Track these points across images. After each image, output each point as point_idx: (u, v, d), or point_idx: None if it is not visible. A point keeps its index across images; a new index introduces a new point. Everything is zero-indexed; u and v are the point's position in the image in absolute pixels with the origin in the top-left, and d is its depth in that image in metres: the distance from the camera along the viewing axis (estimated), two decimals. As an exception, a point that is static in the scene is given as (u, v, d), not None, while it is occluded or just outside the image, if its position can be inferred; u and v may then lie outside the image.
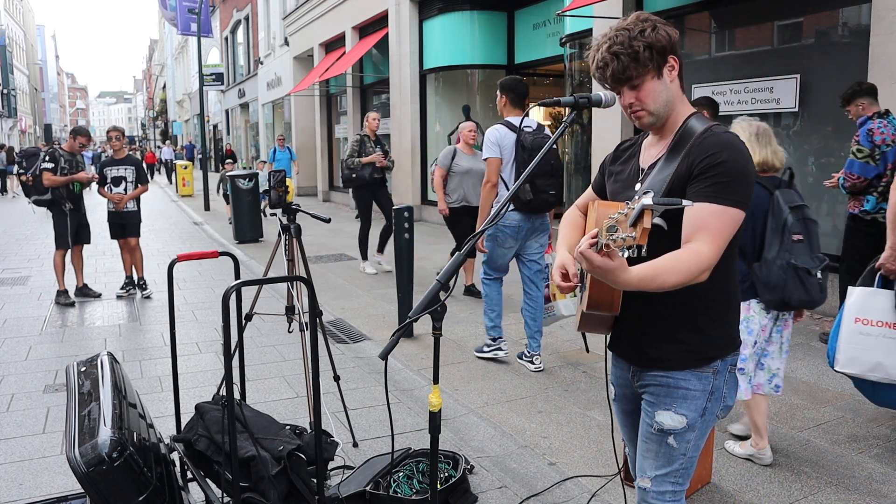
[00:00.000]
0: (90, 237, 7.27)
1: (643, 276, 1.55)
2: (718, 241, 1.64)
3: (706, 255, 1.61)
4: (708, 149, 1.68)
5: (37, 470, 3.40)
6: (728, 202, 1.64)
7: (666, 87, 1.76)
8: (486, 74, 12.77)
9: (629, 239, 1.38)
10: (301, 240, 3.68)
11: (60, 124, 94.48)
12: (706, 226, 1.64)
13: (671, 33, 1.74)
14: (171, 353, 2.94)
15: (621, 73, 1.72)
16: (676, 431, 1.82)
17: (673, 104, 1.78)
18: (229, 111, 33.46)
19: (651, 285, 1.57)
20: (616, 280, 1.51)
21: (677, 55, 1.77)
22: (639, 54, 1.70)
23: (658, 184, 1.74)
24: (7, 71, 47.30)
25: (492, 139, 4.56)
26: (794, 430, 3.64)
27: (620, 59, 1.71)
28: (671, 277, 1.58)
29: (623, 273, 1.50)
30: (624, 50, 1.70)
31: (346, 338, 5.55)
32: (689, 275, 1.59)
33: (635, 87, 1.74)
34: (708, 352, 1.80)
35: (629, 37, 1.71)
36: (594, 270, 1.50)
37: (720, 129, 1.73)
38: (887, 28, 5.08)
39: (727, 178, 1.65)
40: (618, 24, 1.77)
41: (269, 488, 2.35)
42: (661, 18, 1.77)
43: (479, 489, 3.14)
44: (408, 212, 5.50)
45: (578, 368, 4.65)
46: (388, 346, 1.63)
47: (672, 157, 1.75)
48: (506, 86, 4.70)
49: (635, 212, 1.39)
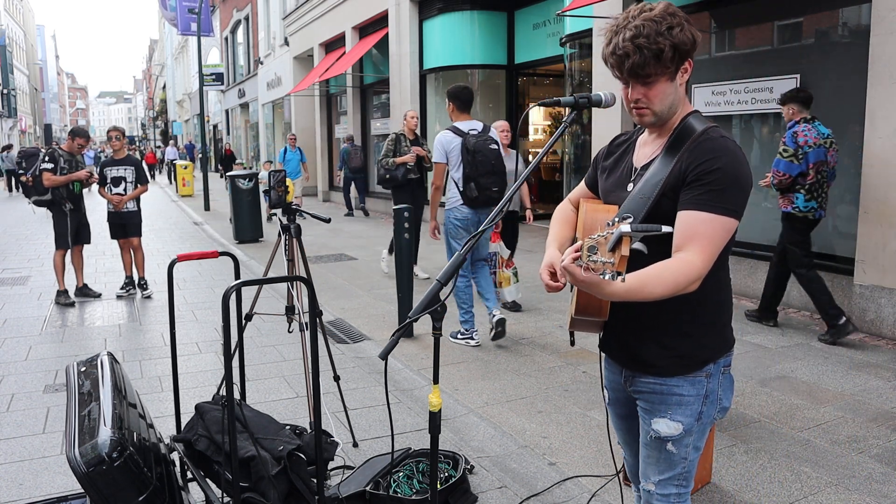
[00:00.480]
0: (90, 237, 7.28)
1: (630, 287, 1.51)
2: (710, 250, 1.59)
3: (696, 265, 1.57)
4: (703, 154, 1.63)
5: (37, 470, 3.40)
6: (721, 210, 1.60)
7: (675, 90, 1.70)
8: (487, 74, 12.78)
9: (608, 265, 1.36)
10: (301, 240, 3.68)
11: (60, 124, 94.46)
12: (698, 235, 1.59)
13: (696, 36, 1.66)
14: (171, 353, 2.94)
15: (640, 68, 1.63)
16: (674, 438, 1.80)
17: (676, 106, 1.73)
18: (229, 111, 33.47)
19: (639, 296, 1.54)
20: (602, 293, 1.49)
21: (693, 58, 1.70)
22: (663, 53, 1.61)
23: (650, 189, 1.69)
24: (7, 71, 47.32)
25: (438, 146, 5.18)
26: (794, 430, 3.64)
27: (643, 52, 1.61)
28: (659, 288, 1.54)
29: (608, 286, 1.47)
30: (649, 45, 1.60)
31: (346, 338, 5.55)
32: (677, 286, 1.56)
33: (648, 84, 1.67)
34: (699, 356, 1.77)
35: (656, 31, 1.60)
36: (578, 284, 1.47)
37: (717, 133, 1.68)
38: (887, 28, 5.08)
39: (721, 186, 1.60)
40: (641, 8, 1.64)
41: (269, 488, 2.35)
42: (686, 16, 1.68)
43: (479, 489, 3.14)
44: (408, 212, 5.50)
45: (578, 368, 4.65)
46: (388, 346, 1.62)
47: (667, 158, 1.70)
48: (452, 93, 5.29)
49: (613, 238, 1.35)
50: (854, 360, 4.72)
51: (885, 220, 5.14)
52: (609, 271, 1.37)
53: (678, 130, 1.73)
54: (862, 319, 5.33)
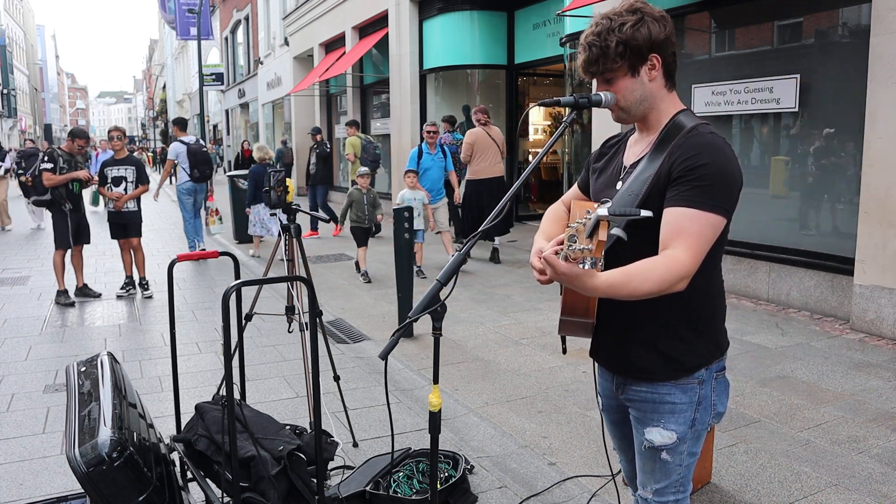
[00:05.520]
0: (90, 237, 7.28)
1: (613, 282, 1.47)
2: (697, 247, 1.55)
3: (683, 262, 1.53)
4: (689, 150, 1.61)
5: (37, 470, 3.40)
6: (707, 207, 1.56)
7: (642, 86, 1.69)
8: (487, 74, 12.77)
9: (585, 251, 1.32)
10: (301, 240, 3.68)
11: (60, 124, 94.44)
12: (684, 231, 1.55)
13: (654, 31, 1.66)
14: (171, 353, 2.94)
15: (590, 65, 1.68)
16: (668, 447, 1.77)
17: (651, 103, 1.72)
18: (229, 111, 33.45)
19: (622, 292, 1.49)
20: (584, 287, 1.45)
21: (663, 53, 1.69)
22: (609, 49, 1.64)
23: (638, 185, 1.68)
24: (7, 71, 47.31)
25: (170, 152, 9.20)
26: (794, 430, 3.64)
27: (591, 50, 1.67)
28: (644, 285, 1.49)
29: (590, 279, 1.43)
30: (597, 42, 1.65)
31: (346, 338, 5.55)
32: (663, 282, 1.51)
33: (608, 80, 1.70)
34: (690, 362, 1.74)
35: (607, 28, 1.65)
36: (559, 278, 1.44)
37: (706, 129, 1.66)
38: (887, 28, 5.08)
39: (708, 182, 1.57)
40: (612, 8, 1.70)
41: (269, 488, 2.35)
42: (657, 12, 1.69)
43: (479, 489, 3.14)
44: (408, 212, 5.50)
45: (578, 368, 4.65)
46: (388, 346, 1.62)
47: (655, 155, 1.69)
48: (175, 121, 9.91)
49: (591, 223, 1.32)
50: (854, 360, 4.72)
51: (885, 220, 5.14)
52: (588, 258, 1.33)
53: (667, 128, 1.72)
54: (862, 319, 5.33)
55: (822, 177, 6.12)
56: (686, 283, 1.54)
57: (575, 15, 7.99)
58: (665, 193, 1.63)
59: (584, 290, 1.46)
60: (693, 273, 1.55)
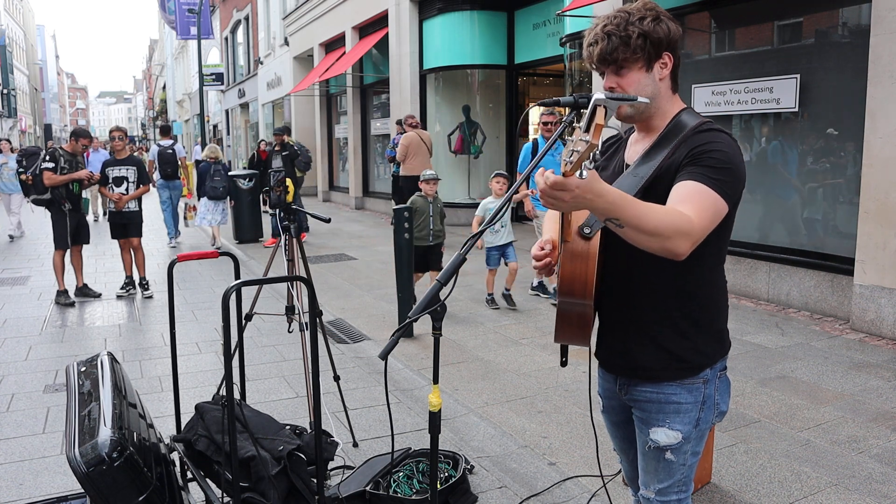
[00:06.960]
0: (89, 237, 7.28)
1: (620, 197, 1.40)
2: (703, 218, 1.52)
3: (691, 220, 1.48)
4: (702, 138, 1.64)
5: (37, 470, 3.40)
6: (715, 187, 1.56)
7: (653, 83, 1.70)
8: (486, 74, 12.78)
9: (584, 143, 1.27)
10: (301, 240, 3.68)
11: (60, 124, 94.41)
12: (693, 199, 1.54)
13: (672, 29, 1.70)
14: (171, 353, 2.94)
15: (608, 53, 1.67)
16: (673, 447, 1.78)
17: (658, 102, 1.73)
18: (229, 111, 33.43)
19: (625, 214, 1.40)
20: (592, 191, 1.35)
21: (674, 53, 1.72)
22: (630, 39, 1.65)
23: (644, 171, 1.68)
24: (7, 71, 47.29)
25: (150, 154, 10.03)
26: (794, 430, 3.64)
27: (611, 39, 1.67)
28: (648, 217, 1.42)
29: (597, 183, 1.35)
30: (617, 32, 1.66)
31: (346, 338, 5.55)
32: (667, 227, 1.44)
33: (620, 73, 1.69)
34: (696, 361, 1.74)
35: (627, 20, 1.67)
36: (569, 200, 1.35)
37: (714, 126, 1.69)
38: (887, 28, 5.08)
39: (718, 165, 1.58)
40: (623, 6, 1.73)
41: (269, 488, 2.35)
42: (669, 13, 1.73)
43: (479, 489, 3.14)
44: (407, 212, 5.50)
45: (578, 368, 4.65)
46: (388, 346, 1.62)
47: (660, 148, 1.70)
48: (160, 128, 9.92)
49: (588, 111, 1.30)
50: (854, 360, 4.72)
51: (885, 220, 5.14)
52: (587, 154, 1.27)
53: (671, 125, 1.72)
54: (862, 319, 5.33)
55: (821, 177, 6.12)
56: (688, 245, 1.48)
57: (575, 15, 8.00)
58: (672, 180, 1.62)
59: (593, 204, 1.37)
60: (697, 240, 1.50)
